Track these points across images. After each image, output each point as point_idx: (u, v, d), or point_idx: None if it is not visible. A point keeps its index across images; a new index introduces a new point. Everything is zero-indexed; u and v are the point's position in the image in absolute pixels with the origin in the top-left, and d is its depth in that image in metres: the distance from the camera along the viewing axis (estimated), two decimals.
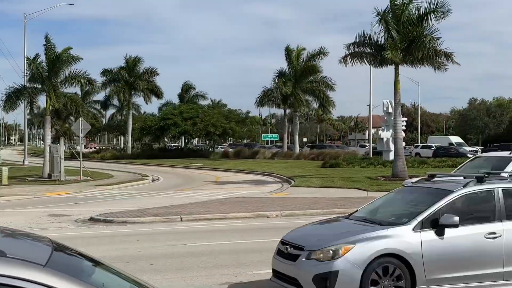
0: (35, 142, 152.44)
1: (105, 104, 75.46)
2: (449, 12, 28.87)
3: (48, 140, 36.96)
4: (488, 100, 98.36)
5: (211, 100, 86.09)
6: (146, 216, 17.35)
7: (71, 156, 48.72)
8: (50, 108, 36.71)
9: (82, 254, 3.38)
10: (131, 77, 66.37)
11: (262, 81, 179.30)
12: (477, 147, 66.83)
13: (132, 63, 66.85)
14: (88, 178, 34.33)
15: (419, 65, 30.32)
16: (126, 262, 10.57)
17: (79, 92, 70.41)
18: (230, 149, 71.69)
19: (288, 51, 57.62)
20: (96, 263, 3.29)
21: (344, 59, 31.12)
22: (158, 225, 16.14)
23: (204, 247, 12.37)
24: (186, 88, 79.82)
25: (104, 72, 67.45)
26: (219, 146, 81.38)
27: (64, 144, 39.77)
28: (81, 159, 34.72)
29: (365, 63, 31.76)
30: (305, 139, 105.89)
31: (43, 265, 2.66)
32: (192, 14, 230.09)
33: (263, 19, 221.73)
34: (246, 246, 12.39)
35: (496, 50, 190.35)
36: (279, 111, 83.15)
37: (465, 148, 61.73)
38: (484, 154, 16.46)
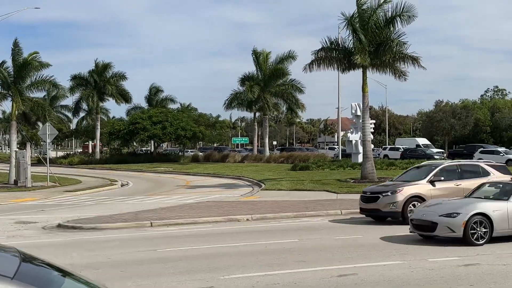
0: (0, 148, 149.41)
1: (76, 109, 74.52)
2: (415, 16, 29.35)
3: (14, 145, 36.30)
4: (454, 102, 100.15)
5: (180, 104, 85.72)
6: (115, 222, 17.16)
7: (38, 161, 47.97)
8: (16, 113, 36.07)
9: (50, 264, 3.32)
10: (100, 81, 65.67)
11: (232, 84, 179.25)
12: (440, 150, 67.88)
13: (101, 68, 66.14)
14: (56, 184, 33.80)
15: (384, 71, 30.79)
16: (96, 269, 10.44)
17: (47, 97, 69.39)
18: (200, 153, 71.45)
19: (255, 54, 57.76)
20: (65, 273, 3.25)
21: (310, 65, 31.34)
22: (128, 231, 15.97)
23: (175, 252, 12.29)
24: (154, 91, 79.23)
25: (74, 78, 66.63)
26: (189, 150, 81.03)
27: (31, 150, 39.06)
28: (48, 164, 34.17)
29: (333, 68, 32.00)
30: (275, 142, 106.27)
31: (11, 278, 2.61)
32: (161, 17, 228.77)
33: (232, 23, 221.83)
34: (218, 251, 12.35)
35: (461, 53, 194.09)
36: (249, 115, 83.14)
37: (432, 149, 62.70)
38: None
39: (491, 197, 13.40)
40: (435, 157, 52.94)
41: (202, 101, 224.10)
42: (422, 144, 67.59)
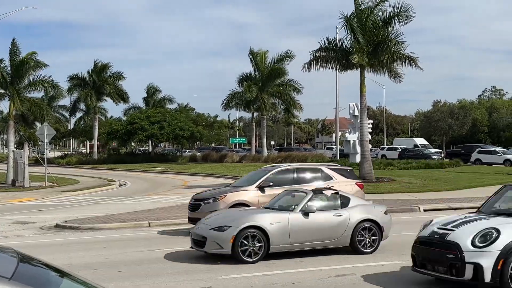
0: None
1: (73, 109, 74.44)
2: (413, 16, 29.37)
3: (12, 145, 36.25)
4: (451, 102, 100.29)
5: (178, 104, 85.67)
6: (113, 222, 17.15)
7: (36, 161, 47.92)
8: (14, 113, 36.04)
9: (48, 265, 3.32)
10: (99, 81, 65.62)
11: (230, 85, 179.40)
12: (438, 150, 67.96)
13: (100, 68, 66.09)
14: (54, 184, 33.76)
15: (382, 71, 30.84)
16: (94, 270, 10.43)
17: (45, 97, 69.33)
18: (198, 153, 71.44)
19: (252, 54, 57.74)
20: (63, 273, 3.24)
21: (308, 65, 31.36)
22: (126, 231, 15.96)
23: (173, 252, 12.29)
24: (152, 91, 79.25)
25: (72, 78, 66.57)
26: (187, 150, 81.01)
27: (29, 149, 39.01)
28: (46, 164, 34.12)
29: (330, 68, 32.05)
30: (273, 142, 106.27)
31: (9, 278, 2.60)
32: (159, 17, 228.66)
33: (231, 23, 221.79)
34: None
35: (458, 53, 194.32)
36: (247, 115, 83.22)
37: (429, 149, 62.75)
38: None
39: (283, 206, 12.02)
40: (433, 157, 52.98)
41: (201, 101, 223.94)
42: (420, 144, 67.68)
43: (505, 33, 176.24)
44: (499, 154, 51.58)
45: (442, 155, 56.94)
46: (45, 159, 34.92)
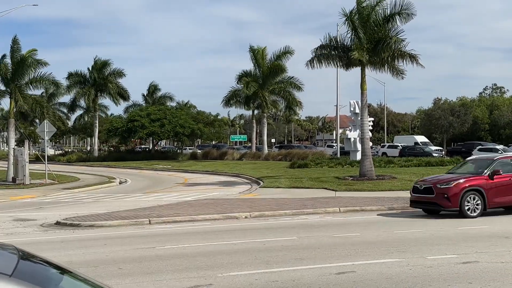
0: None
1: (72, 106, 74.40)
2: (414, 14, 29.30)
3: (12, 143, 36.27)
4: (452, 100, 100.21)
5: (177, 102, 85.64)
6: (114, 219, 17.16)
7: (36, 159, 47.90)
8: (14, 110, 36.05)
9: (48, 262, 3.31)
10: (99, 79, 65.57)
11: (231, 82, 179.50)
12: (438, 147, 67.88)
13: (100, 65, 66.03)
14: (54, 181, 33.77)
15: (383, 69, 30.77)
16: (94, 267, 10.43)
17: (44, 94, 69.29)
18: (199, 151, 71.45)
19: (253, 51, 57.68)
20: (63, 270, 3.23)
21: (310, 62, 31.33)
22: (126, 228, 15.97)
23: (174, 250, 12.29)
24: (153, 89, 79.28)
25: (70, 76, 66.47)
26: (187, 148, 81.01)
27: (29, 147, 39.01)
28: (46, 162, 34.13)
29: (332, 65, 32.04)
30: (273, 140, 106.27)
31: (9, 275, 2.59)
32: (158, 15, 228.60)
33: (231, 21, 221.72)
34: (216, 248, 12.35)
35: (459, 51, 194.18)
36: (248, 112, 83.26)
37: (430, 147, 62.74)
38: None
39: None
40: (434, 154, 53.02)
41: (201, 99, 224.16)
42: (420, 142, 67.67)
43: (506, 31, 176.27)
44: (500, 152, 51.56)
45: (443, 152, 56.93)
46: (46, 157, 34.93)
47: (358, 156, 39.33)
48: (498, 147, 55.15)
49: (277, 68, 55.85)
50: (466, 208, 16.76)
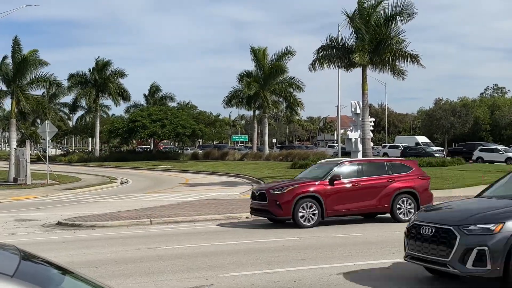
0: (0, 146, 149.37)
1: (73, 106, 74.46)
2: (415, 14, 29.34)
3: (14, 143, 36.30)
4: (453, 100, 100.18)
5: (178, 102, 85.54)
6: (115, 219, 17.17)
7: (38, 159, 47.93)
8: (16, 110, 36.08)
9: (50, 262, 3.32)
10: (100, 79, 65.61)
11: (232, 82, 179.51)
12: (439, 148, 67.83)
13: (101, 65, 66.06)
14: (55, 181, 33.80)
15: (384, 69, 30.78)
16: (96, 267, 10.44)
17: (46, 95, 69.40)
18: (200, 151, 71.45)
19: (254, 51, 57.67)
20: (65, 271, 3.24)
21: (312, 65, 31.39)
22: (127, 229, 15.98)
23: (175, 250, 12.30)
24: (154, 89, 79.33)
25: (71, 77, 66.52)
26: (189, 148, 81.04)
27: (31, 147, 39.07)
28: (47, 162, 34.16)
29: (334, 67, 32.08)
30: (274, 140, 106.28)
31: (11, 276, 2.60)
32: (160, 15, 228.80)
33: (231, 21, 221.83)
34: (217, 249, 12.36)
35: (460, 51, 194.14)
36: (249, 113, 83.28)
37: (432, 147, 62.70)
38: None
39: None
40: (436, 155, 52.95)
41: (202, 99, 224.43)
42: (421, 142, 67.60)
43: (507, 31, 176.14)
44: (501, 152, 51.52)
45: (444, 153, 56.88)
46: (47, 157, 34.96)
47: (359, 157, 39.28)
48: (499, 147, 55.08)
49: (278, 68, 55.81)
50: (300, 216, 15.07)
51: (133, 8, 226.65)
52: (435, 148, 63.86)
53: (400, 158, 18.86)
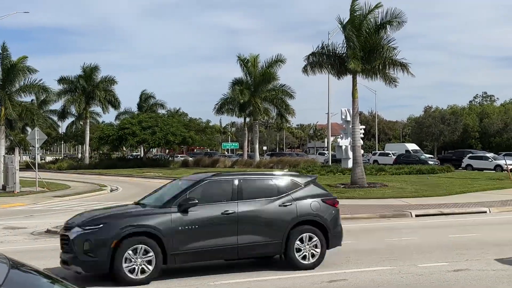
0: None
1: (62, 113, 74.16)
2: (404, 22, 29.49)
3: (2, 150, 36.03)
4: (442, 108, 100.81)
5: (168, 110, 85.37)
6: None
7: (27, 166, 47.58)
8: (4, 117, 35.86)
9: (39, 271, 3.29)
10: (89, 86, 65.37)
11: (223, 90, 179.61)
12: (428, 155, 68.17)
13: (89, 72, 65.85)
14: (45, 189, 33.56)
15: (375, 77, 30.92)
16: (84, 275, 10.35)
17: (36, 102, 69.07)
18: (190, 158, 71.36)
19: (242, 60, 57.87)
20: (53, 280, 3.21)
21: (305, 69, 31.52)
22: None
23: None
24: (145, 97, 79.25)
25: (61, 80, 66.19)
26: (179, 155, 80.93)
27: (20, 154, 38.85)
28: (37, 169, 33.94)
29: (325, 72, 32.21)
30: (265, 147, 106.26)
31: (0, 285, 2.58)
32: (151, 22, 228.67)
33: (224, 29, 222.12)
34: None
35: (450, 59, 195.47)
36: (239, 120, 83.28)
37: (425, 155, 62.92)
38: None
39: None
40: (429, 162, 53.12)
41: (193, 106, 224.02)
42: (411, 150, 67.88)
43: (496, 39, 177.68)
44: (490, 160, 51.82)
45: (438, 161, 57.09)
46: (36, 164, 34.73)
47: (350, 164, 39.40)
48: (488, 155, 55.40)
49: (269, 76, 56.06)
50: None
51: (124, 15, 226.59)
52: (428, 155, 64.18)
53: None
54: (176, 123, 65.57)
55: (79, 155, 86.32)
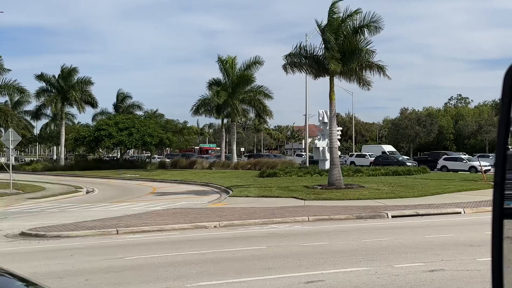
0: None
1: (37, 114, 73.18)
2: (381, 28, 29.74)
3: None
4: (418, 110, 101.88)
5: (146, 111, 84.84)
6: (80, 229, 16.89)
7: (1, 168, 46.89)
8: None
9: (13, 274, 3.24)
10: (66, 87, 64.65)
11: (200, 91, 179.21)
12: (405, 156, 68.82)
13: (67, 73, 65.16)
14: (19, 191, 33.10)
15: (351, 79, 31.15)
16: (60, 278, 10.24)
17: (10, 103, 68.03)
18: (167, 159, 71.00)
19: (221, 61, 57.84)
20: (28, 283, 3.17)
21: (285, 67, 31.61)
22: (93, 239, 15.73)
23: (142, 260, 12.15)
24: (122, 97, 78.58)
25: (39, 77, 65.27)
26: (156, 157, 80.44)
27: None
28: (11, 171, 33.46)
29: (304, 72, 32.36)
30: (242, 149, 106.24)
31: None
32: (129, 24, 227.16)
33: (202, 30, 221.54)
34: (185, 258, 12.26)
35: (425, 62, 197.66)
36: (217, 121, 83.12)
37: (403, 157, 63.51)
38: None
39: None
40: (408, 164, 53.60)
41: (170, 107, 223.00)
42: (388, 151, 68.42)
43: (471, 42, 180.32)
44: (465, 161, 52.53)
45: (416, 162, 57.66)
46: (10, 166, 34.24)
47: (327, 165, 39.51)
48: (463, 156, 56.15)
49: (247, 77, 56.11)
50: None
51: (101, 16, 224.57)
52: (405, 157, 64.80)
53: None
54: (153, 124, 65.18)
55: (54, 157, 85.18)
